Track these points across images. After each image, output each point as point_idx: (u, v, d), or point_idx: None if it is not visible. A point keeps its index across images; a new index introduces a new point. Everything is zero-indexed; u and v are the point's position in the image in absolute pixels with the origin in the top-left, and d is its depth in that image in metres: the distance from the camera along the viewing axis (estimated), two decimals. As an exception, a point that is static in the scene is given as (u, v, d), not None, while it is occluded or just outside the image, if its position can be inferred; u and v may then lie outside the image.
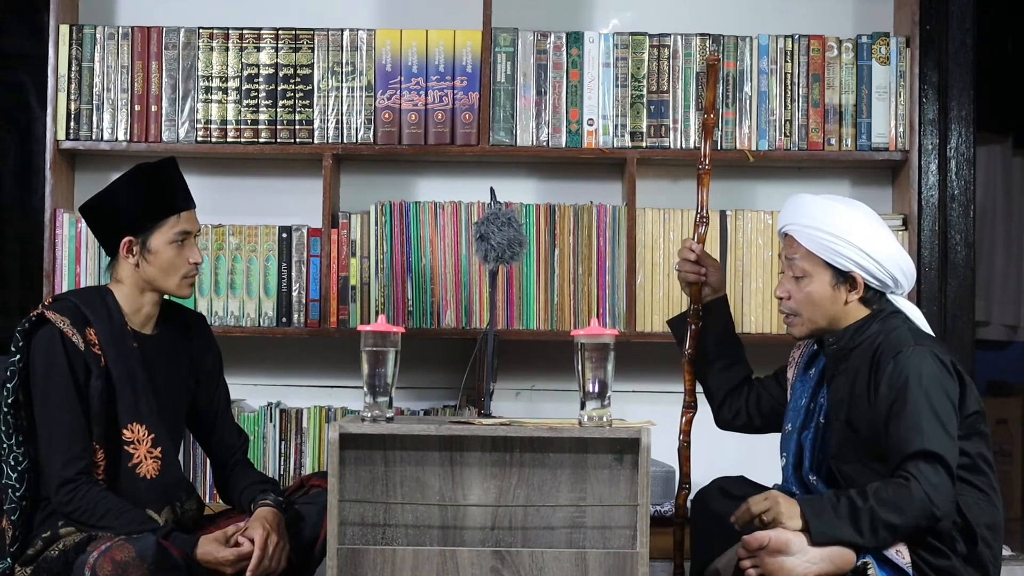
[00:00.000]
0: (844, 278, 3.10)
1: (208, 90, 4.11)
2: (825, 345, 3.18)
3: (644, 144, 4.12)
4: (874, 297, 3.13)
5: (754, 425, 3.44)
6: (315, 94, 4.11)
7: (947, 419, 2.95)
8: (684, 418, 3.42)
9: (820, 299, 3.12)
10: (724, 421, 3.47)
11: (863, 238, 3.08)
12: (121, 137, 4.11)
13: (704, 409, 3.48)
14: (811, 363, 3.28)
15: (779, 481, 3.30)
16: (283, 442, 4.11)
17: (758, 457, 3.83)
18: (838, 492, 2.95)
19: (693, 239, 3.43)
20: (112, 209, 3.25)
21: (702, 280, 3.39)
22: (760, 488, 3.26)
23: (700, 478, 3.44)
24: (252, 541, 3.11)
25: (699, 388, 3.46)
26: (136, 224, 3.22)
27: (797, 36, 4.13)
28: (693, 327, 3.41)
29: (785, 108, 4.12)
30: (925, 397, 2.94)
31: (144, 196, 3.23)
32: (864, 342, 3.09)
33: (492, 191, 3.59)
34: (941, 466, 2.90)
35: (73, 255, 4.07)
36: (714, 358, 3.43)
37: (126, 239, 3.23)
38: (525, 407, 4.27)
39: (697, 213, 3.42)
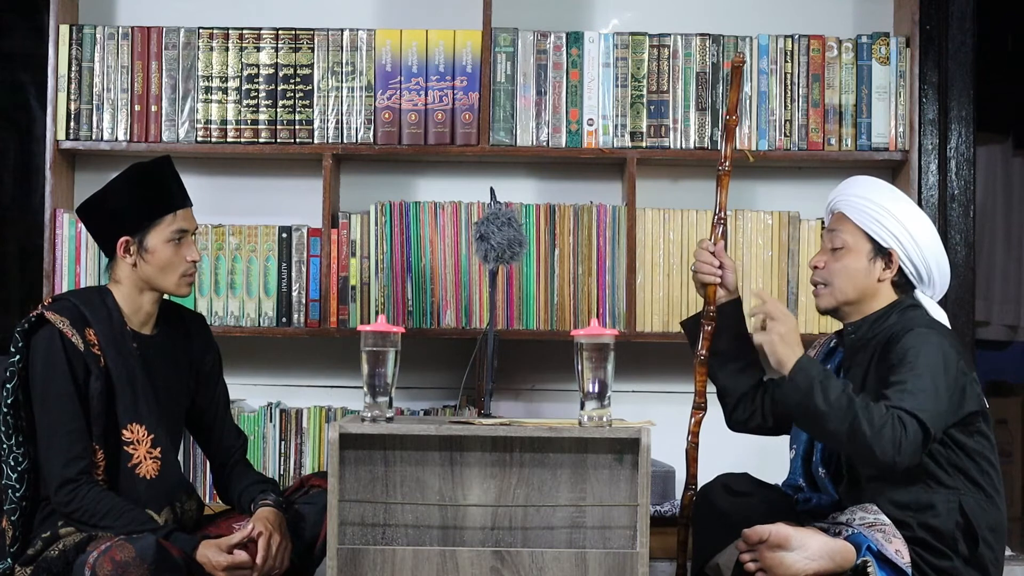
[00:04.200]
0: (882, 253, 3.14)
1: (208, 90, 4.11)
2: (844, 335, 3.19)
3: (644, 144, 4.12)
4: (905, 286, 3.16)
5: (768, 426, 3.44)
6: (315, 94, 4.11)
7: (937, 394, 2.95)
8: (693, 419, 3.40)
9: (854, 271, 3.15)
10: (737, 422, 3.46)
11: (908, 217, 3.14)
12: (121, 137, 4.11)
13: (710, 410, 3.47)
14: (827, 360, 3.29)
15: (786, 475, 3.30)
16: (283, 442, 4.11)
17: (761, 458, 3.84)
18: (843, 381, 2.98)
19: (710, 240, 3.41)
20: (108, 209, 3.25)
21: (718, 281, 3.38)
22: (764, 485, 3.26)
23: (705, 479, 3.43)
24: (254, 542, 3.11)
25: (710, 389, 3.45)
26: (132, 224, 3.22)
27: (797, 36, 4.13)
28: (708, 328, 3.39)
29: (785, 108, 4.12)
30: (922, 368, 2.97)
31: (139, 195, 3.23)
32: (881, 333, 3.12)
33: (492, 191, 3.59)
34: (921, 429, 2.91)
35: (73, 255, 4.07)
36: (728, 360, 3.42)
37: (123, 239, 3.22)
38: (525, 407, 4.27)
39: (715, 214, 3.39)
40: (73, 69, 4.12)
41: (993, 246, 6.19)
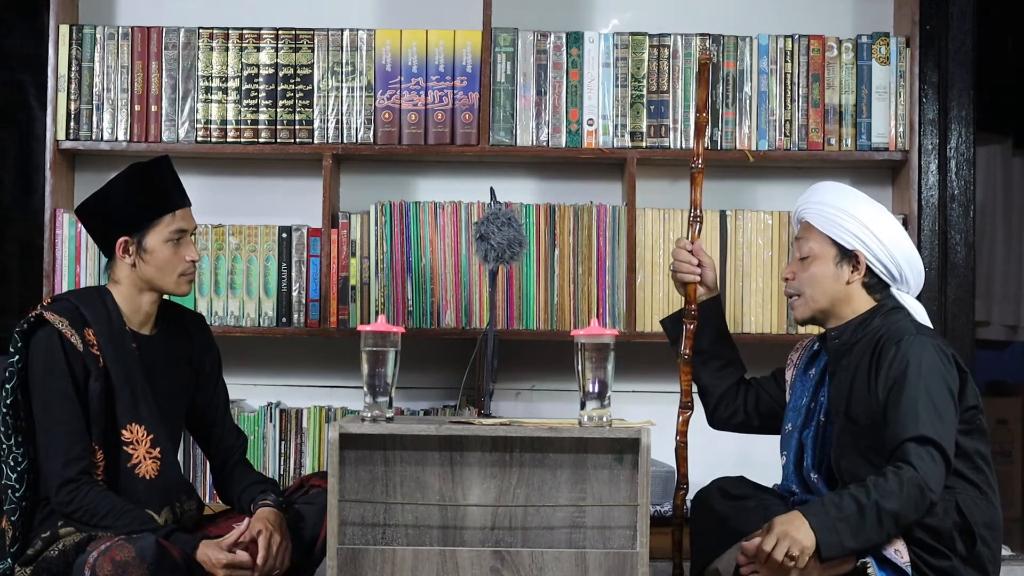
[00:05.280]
0: (847, 256, 3.13)
1: (208, 90, 4.11)
2: (827, 340, 3.19)
3: (644, 144, 4.12)
4: (878, 286, 3.15)
5: (752, 425, 3.45)
6: (315, 94, 4.11)
7: (944, 407, 2.96)
8: (681, 418, 3.42)
9: (822, 277, 3.15)
10: (719, 420, 3.47)
11: (869, 217, 3.13)
12: (121, 137, 4.11)
13: (701, 409, 3.48)
14: (811, 363, 3.29)
15: (779, 480, 3.30)
16: (283, 442, 4.11)
17: (757, 457, 3.83)
18: (840, 491, 2.94)
19: (687, 238, 3.43)
20: (107, 210, 3.25)
21: (698, 279, 3.40)
22: (760, 488, 3.26)
23: (699, 478, 3.44)
24: (255, 542, 3.11)
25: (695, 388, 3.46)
26: (131, 224, 3.22)
27: (797, 36, 4.13)
28: (690, 327, 3.41)
29: (785, 108, 4.12)
30: (924, 384, 2.96)
31: (138, 195, 3.23)
32: (865, 337, 3.11)
33: (492, 191, 3.59)
34: (935, 449, 2.91)
35: (73, 255, 4.07)
36: (709, 358, 3.44)
37: (122, 239, 3.22)
38: (525, 407, 4.27)
39: (690, 212, 3.43)
40: (73, 69, 4.12)
41: (993, 246, 6.19)
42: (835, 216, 3.14)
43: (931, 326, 3.19)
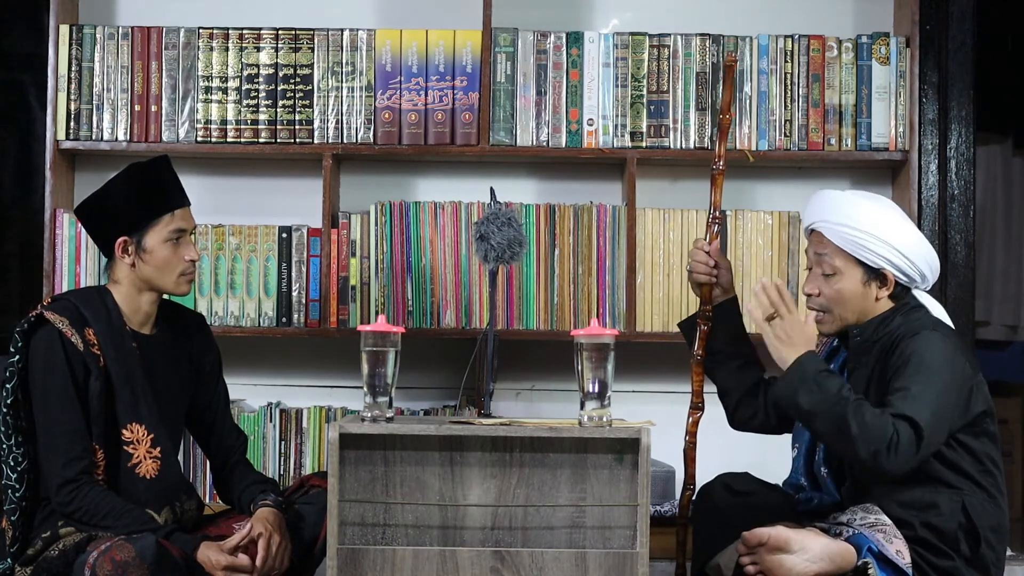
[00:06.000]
0: (875, 275, 3.12)
1: (208, 90, 4.11)
2: (849, 338, 3.19)
3: (644, 144, 4.12)
4: (902, 292, 3.15)
5: (771, 424, 3.43)
6: (315, 94, 4.11)
7: (940, 399, 2.95)
8: (691, 419, 3.41)
9: (851, 296, 3.13)
10: (740, 421, 3.46)
11: (894, 235, 3.10)
12: (121, 137, 4.11)
13: (709, 410, 3.47)
14: (830, 359, 3.28)
15: (786, 475, 3.30)
16: (283, 442, 4.11)
17: (762, 458, 3.83)
18: (841, 381, 2.98)
19: (705, 239, 3.42)
20: (106, 209, 3.25)
21: (714, 281, 3.39)
22: (765, 485, 3.26)
23: (704, 479, 3.43)
24: (254, 543, 3.11)
25: (707, 389, 3.45)
26: (130, 224, 3.22)
27: (797, 36, 4.13)
28: (704, 328, 3.40)
29: (785, 108, 4.12)
30: (926, 374, 2.96)
31: (137, 195, 3.23)
32: (885, 336, 3.11)
33: (492, 191, 3.59)
34: (915, 433, 2.90)
35: (73, 255, 4.07)
36: (727, 358, 3.42)
37: (121, 239, 3.22)
38: (525, 407, 4.27)
39: (709, 213, 3.41)
40: (73, 69, 4.12)
41: (993, 246, 6.19)
42: (861, 239, 3.09)
43: (951, 324, 3.18)
